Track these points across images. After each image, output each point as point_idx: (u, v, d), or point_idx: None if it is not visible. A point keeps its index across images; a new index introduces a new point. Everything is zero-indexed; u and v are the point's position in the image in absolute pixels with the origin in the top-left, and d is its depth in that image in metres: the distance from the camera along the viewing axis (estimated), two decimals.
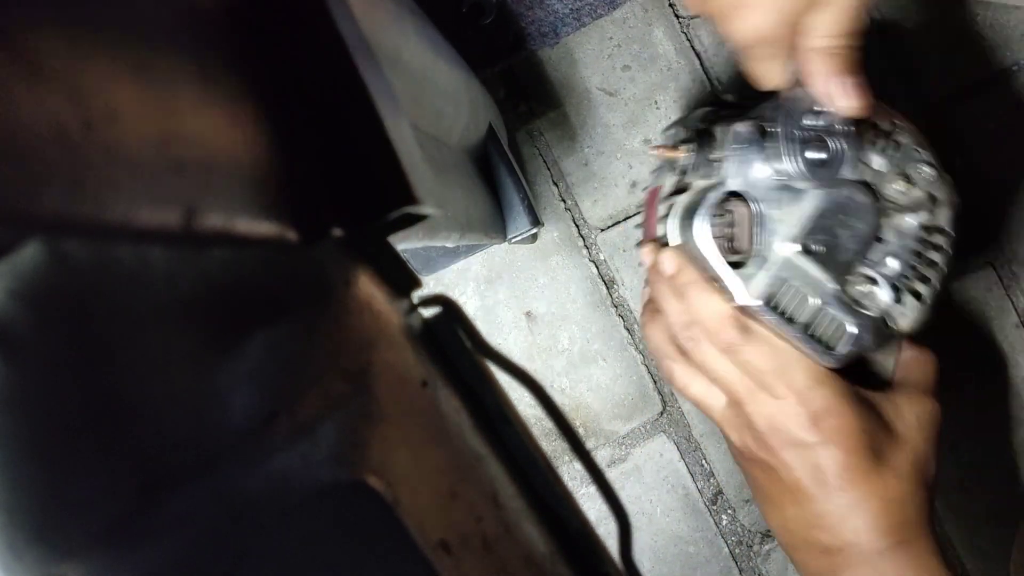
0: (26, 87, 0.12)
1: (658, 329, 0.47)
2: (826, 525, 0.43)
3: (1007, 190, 0.61)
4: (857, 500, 0.42)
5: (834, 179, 0.42)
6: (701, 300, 0.44)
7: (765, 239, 0.43)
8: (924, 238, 0.44)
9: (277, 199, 0.18)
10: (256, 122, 0.18)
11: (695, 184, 0.46)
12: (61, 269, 0.16)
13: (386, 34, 0.30)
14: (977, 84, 0.61)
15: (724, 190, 0.43)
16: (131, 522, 0.16)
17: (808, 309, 0.43)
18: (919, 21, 0.61)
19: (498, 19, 0.61)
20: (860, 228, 0.43)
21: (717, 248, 0.43)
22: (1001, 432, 0.62)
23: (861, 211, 0.43)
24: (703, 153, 0.45)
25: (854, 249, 0.43)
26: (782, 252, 0.43)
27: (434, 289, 0.62)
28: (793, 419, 0.42)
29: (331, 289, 0.19)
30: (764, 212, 0.43)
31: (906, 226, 0.44)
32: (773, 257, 0.43)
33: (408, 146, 0.20)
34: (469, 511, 0.19)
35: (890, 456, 0.43)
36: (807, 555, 0.45)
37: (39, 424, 0.16)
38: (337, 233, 0.19)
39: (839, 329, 0.43)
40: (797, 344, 0.43)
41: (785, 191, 0.43)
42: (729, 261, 0.43)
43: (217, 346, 0.17)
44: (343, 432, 0.17)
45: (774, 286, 0.43)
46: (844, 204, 0.43)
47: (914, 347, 0.47)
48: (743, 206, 0.43)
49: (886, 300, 0.43)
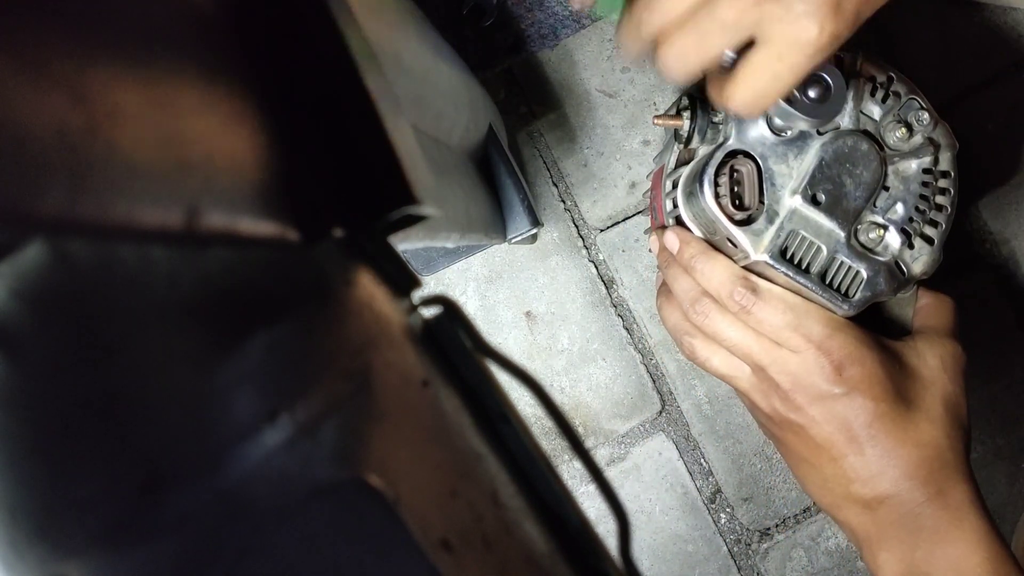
0: (29, 88, 0.12)
1: (673, 310, 0.47)
2: (863, 478, 0.42)
3: (1007, 190, 0.61)
4: (890, 449, 0.42)
5: (835, 117, 0.43)
6: (708, 268, 0.44)
7: (773, 194, 0.43)
8: (929, 182, 0.45)
9: (278, 199, 0.18)
10: (257, 123, 0.18)
11: (699, 151, 0.46)
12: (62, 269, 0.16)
13: (387, 35, 0.30)
14: (977, 84, 0.61)
15: (727, 149, 0.43)
16: (131, 522, 0.16)
17: (821, 259, 0.43)
18: (919, 21, 0.61)
19: (498, 21, 0.61)
20: (865, 176, 0.44)
21: (724, 208, 0.43)
22: (1000, 432, 0.62)
23: (865, 159, 0.44)
24: (704, 117, 0.45)
25: (861, 197, 0.43)
26: (790, 204, 0.43)
27: (434, 289, 0.62)
28: (816, 371, 0.42)
29: (332, 289, 0.19)
30: (771, 167, 0.43)
31: (910, 172, 0.45)
32: (783, 211, 0.43)
33: (409, 147, 0.20)
34: (469, 510, 0.19)
35: (919, 400, 0.43)
36: (848, 513, 0.44)
37: (40, 424, 0.16)
38: (338, 233, 0.19)
39: (853, 276, 0.43)
40: (812, 295, 0.43)
41: (791, 145, 0.43)
42: (739, 220, 0.43)
43: (218, 346, 0.17)
44: (344, 431, 0.17)
45: (787, 239, 0.43)
46: (848, 154, 0.44)
47: (930, 293, 0.47)
48: (748, 163, 0.44)
49: (897, 245, 0.44)
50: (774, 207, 0.43)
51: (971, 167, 0.60)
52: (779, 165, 0.44)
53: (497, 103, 0.60)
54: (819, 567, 0.62)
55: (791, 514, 0.62)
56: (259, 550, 0.16)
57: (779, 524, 0.62)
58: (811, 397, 0.42)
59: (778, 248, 0.43)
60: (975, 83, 0.61)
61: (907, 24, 0.60)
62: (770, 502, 0.62)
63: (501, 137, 0.54)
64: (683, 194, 0.47)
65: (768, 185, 0.43)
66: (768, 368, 0.43)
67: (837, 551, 0.62)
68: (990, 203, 0.62)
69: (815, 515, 0.62)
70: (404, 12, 0.34)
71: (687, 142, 0.47)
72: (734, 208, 0.43)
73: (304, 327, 0.18)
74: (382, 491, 0.17)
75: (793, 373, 0.43)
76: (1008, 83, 0.61)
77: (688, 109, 0.46)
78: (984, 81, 0.61)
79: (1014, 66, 0.61)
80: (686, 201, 0.46)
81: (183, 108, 0.15)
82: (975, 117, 0.61)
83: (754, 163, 0.44)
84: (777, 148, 0.44)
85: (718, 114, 0.45)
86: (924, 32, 0.61)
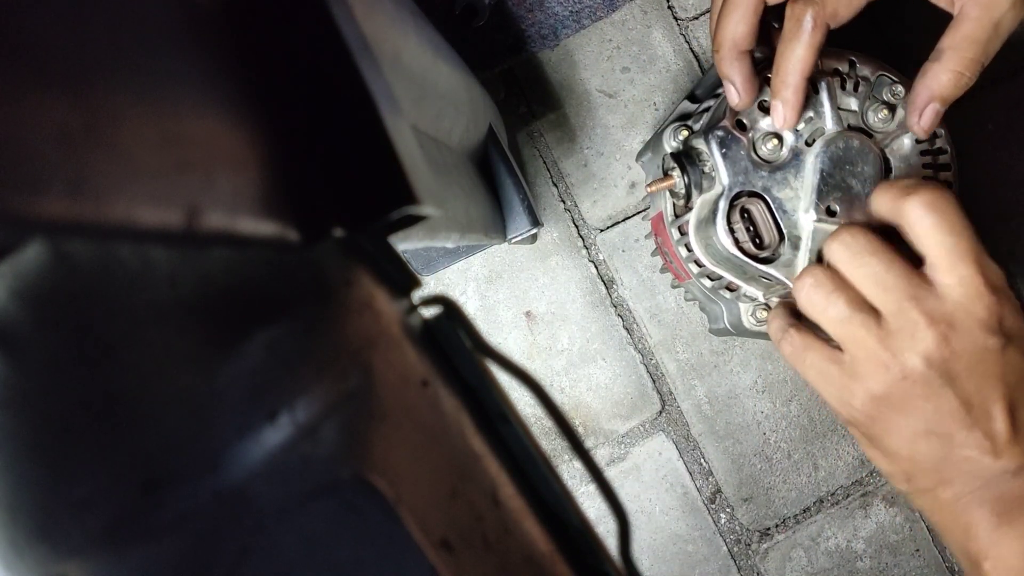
0: (29, 88, 0.12)
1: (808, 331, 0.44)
2: (1008, 446, 0.39)
3: (1007, 190, 0.61)
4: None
5: (823, 128, 0.44)
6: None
7: (788, 219, 0.44)
8: (926, 149, 0.45)
9: (278, 199, 0.18)
10: (258, 123, 0.18)
11: (700, 200, 0.46)
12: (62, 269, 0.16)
13: (386, 35, 0.30)
14: (978, 84, 0.61)
15: (730, 195, 0.44)
16: (131, 522, 0.16)
17: None
18: (918, 22, 0.61)
19: (498, 21, 0.61)
20: (868, 171, 0.44)
21: (748, 251, 0.44)
22: None
23: (861, 154, 0.44)
24: (696, 170, 0.45)
25: (872, 191, 0.44)
26: (807, 225, 0.43)
27: (434, 289, 0.62)
28: (976, 317, 0.38)
29: (331, 289, 0.19)
30: (776, 196, 0.43)
31: (905, 149, 0.45)
32: (804, 234, 0.43)
33: (408, 146, 0.20)
34: (469, 510, 0.19)
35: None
36: (975, 491, 0.40)
37: (40, 424, 0.16)
38: (338, 233, 0.19)
39: None
40: None
41: (786, 168, 0.44)
42: (765, 257, 0.44)
43: (218, 346, 0.17)
44: (344, 431, 0.17)
45: (818, 258, 0.44)
46: (843, 155, 0.44)
47: None
48: (755, 201, 0.44)
49: None
50: (794, 232, 0.44)
51: (971, 167, 0.60)
52: (783, 191, 0.44)
53: (497, 103, 0.60)
54: (819, 567, 0.62)
55: (791, 514, 0.62)
56: (259, 550, 0.16)
57: (779, 524, 0.62)
58: (966, 346, 0.39)
59: None
60: (976, 83, 0.61)
61: (907, 25, 0.60)
62: (770, 502, 0.62)
63: (501, 137, 0.54)
64: (700, 245, 0.47)
65: (780, 214, 0.44)
66: (914, 306, 0.39)
67: (837, 551, 0.62)
68: (989, 203, 0.62)
69: (815, 515, 0.62)
70: (403, 11, 0.34)
71: (686, 199, 0.47)
72: (756, 248, 0.44)
73: (304, 327, 0.18)
74: (382, 491, 0.17)
75: (949, 314, 0.39)
76: (1008, 83, 0.61)
77: (676, 168, 0.46)
78: (984, 81, 0.61)
79: (1015, 66, 0.61)
80: (705, 252, 0.46)
81: (183, 108, 0.15)
82: (975, 117, 0.61)
83: (760, 199, 0.44)
84: (775, 176, 0.44)
85: (706, 162, 0.45)
86: (925, 33, 0.61)
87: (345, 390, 0.18)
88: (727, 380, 0.62)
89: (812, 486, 0.62)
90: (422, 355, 0.20)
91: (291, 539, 0.16)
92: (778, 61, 0.43)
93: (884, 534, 0.62)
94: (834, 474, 0.62)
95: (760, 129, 0.44)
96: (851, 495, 0.62)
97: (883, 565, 0.62)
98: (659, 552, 0.62)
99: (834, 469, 0.62)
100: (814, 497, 0.62)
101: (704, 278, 0.50)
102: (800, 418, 0.62)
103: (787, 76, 0.43)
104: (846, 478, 0.62)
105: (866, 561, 0.62)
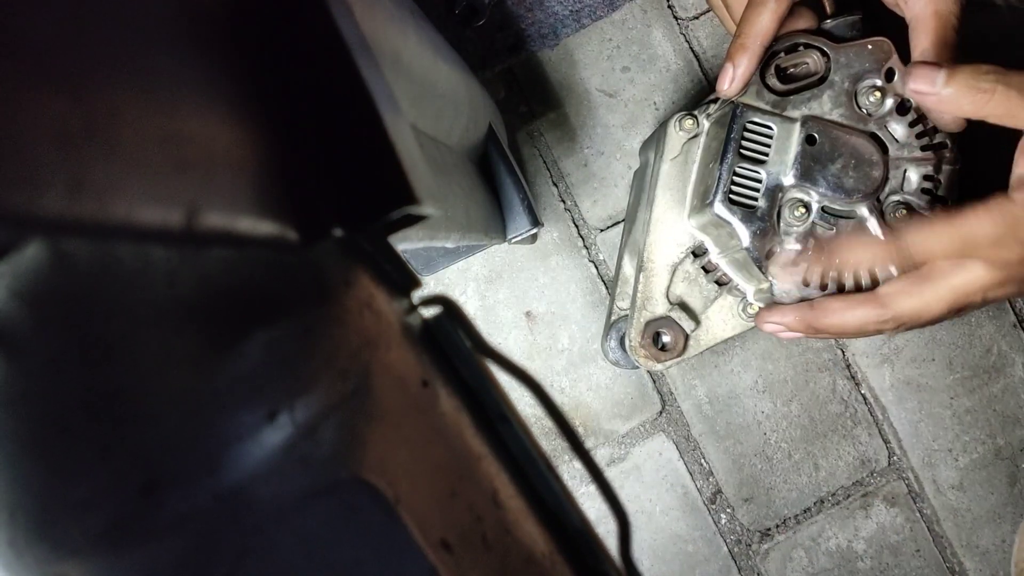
0: (28, 87, 0.12)
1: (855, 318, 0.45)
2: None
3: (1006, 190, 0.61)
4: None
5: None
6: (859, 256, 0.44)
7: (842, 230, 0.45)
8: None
9: (278, 199, 0.18)
10: (257, 122, 0.18)
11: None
12: (62, 269, 0.16)
13: (386, 35, 0.30)
14: None
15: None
16: (131, 522, 0.16)
17: None
18: None
19: (498, 21, 0.61)
20: (869, 166, 0.45)
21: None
22: (1000, 432, 0.62)
23: (860, 148, 0.44)
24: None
25: (881, 176, 0.44)
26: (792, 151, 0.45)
27: (434, 289, 0.62)
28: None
29: (331, 289, 0.19)
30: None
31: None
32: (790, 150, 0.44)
33: (408, 146, 0.20)
34: (469, 510, 0.19)
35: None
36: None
37: (39, 424, 0.16)
38: (337, 233, 0.19)
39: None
40: None
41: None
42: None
43: (217, 346, 0.17)
44: (343, 431, 0.17)
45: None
46: (850, 151, 0.44)
47: None
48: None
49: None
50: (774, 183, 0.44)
51: (971, 167, 0.60)
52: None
53: (497, 103, 0.60)
54: (819, 567, 0.62)
55: (791, 515, 0.62)
56: (259, 550, 0.16)
57: (779, 525, 0.62)
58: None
59: None
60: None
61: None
62: (770, 502, 0.62)
63: (501, 137, 0.54)
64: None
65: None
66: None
67: (838, 551, 0.62)
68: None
69: (815, 515, 0.62)
70: (403, 11, 0.34)
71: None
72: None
73: (303, 327, 0.18)
74: (382, 491, 0.17)
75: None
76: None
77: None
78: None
79: (1015, 65, 0.61)
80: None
81: (183, 107, 0.15)
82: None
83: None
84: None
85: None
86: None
87: (344, 390, 0.18)
88: (727, 380, 0.62)
89: (813, 486, 0.62)
90: (422, 355, 0.20)
91: (290, 539, 0.16)
92: (741, 25, 0.43)
93: (885, 534, 0.62)
94: (835, 474, 0.62)
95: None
96: (852, 495, 0.62)
97: (884, 565, 0.62)
98: (659, 552, 0.62)
99: (835, 469, 0.62)
100: (815, 497, 0.62)
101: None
102: (801, 418, 0.62)
103: (746, 39, 0.43)
104: (847, 478, 0.62)
105: (867, 561, 0.62)
